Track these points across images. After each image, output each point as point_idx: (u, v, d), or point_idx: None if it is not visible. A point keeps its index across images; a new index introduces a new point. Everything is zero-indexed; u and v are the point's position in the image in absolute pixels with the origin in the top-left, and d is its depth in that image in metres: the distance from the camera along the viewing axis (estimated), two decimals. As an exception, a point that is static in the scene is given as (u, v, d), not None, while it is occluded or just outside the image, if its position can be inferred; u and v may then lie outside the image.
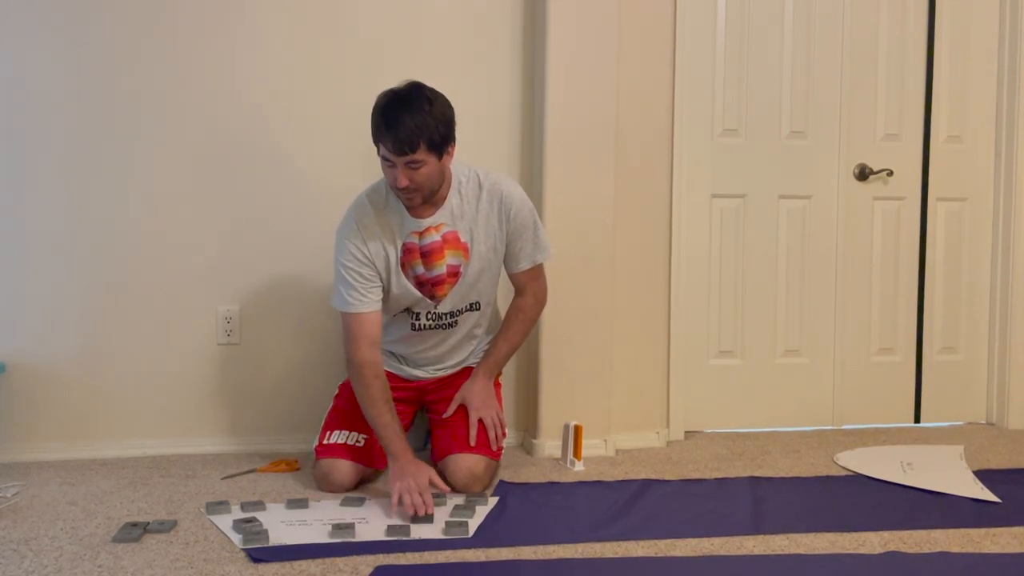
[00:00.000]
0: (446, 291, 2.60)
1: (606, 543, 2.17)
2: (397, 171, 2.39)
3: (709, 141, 3.30)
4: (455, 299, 2.62)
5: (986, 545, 2.20)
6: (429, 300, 2.60)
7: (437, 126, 2.39)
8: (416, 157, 2.37)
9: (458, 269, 2.58)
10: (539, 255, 2.67)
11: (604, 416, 3.01)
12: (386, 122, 2.37)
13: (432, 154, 2.40)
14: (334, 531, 2.18)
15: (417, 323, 2.64)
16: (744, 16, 3.31)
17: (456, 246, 2.57)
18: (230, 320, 3.00)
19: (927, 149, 3.51)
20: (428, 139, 2.37)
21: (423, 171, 2.41)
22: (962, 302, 3.57)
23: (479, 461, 2.57)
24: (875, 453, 3.08)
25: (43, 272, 2.88)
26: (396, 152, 2.36)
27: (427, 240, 2.55)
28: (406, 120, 2.35)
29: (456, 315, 2.65)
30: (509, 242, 2.62)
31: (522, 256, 2.65)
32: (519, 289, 2.72)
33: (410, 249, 2.55)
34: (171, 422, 2.97)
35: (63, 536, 2.17)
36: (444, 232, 2.56)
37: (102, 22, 2.87)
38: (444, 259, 2.56)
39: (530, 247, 2.64)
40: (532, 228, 2.63)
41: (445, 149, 2.45)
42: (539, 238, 2.66)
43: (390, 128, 2.36)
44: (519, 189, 2.64)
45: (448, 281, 2.59)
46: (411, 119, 2.35)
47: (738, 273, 3.38)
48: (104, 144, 2.90)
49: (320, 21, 2.98)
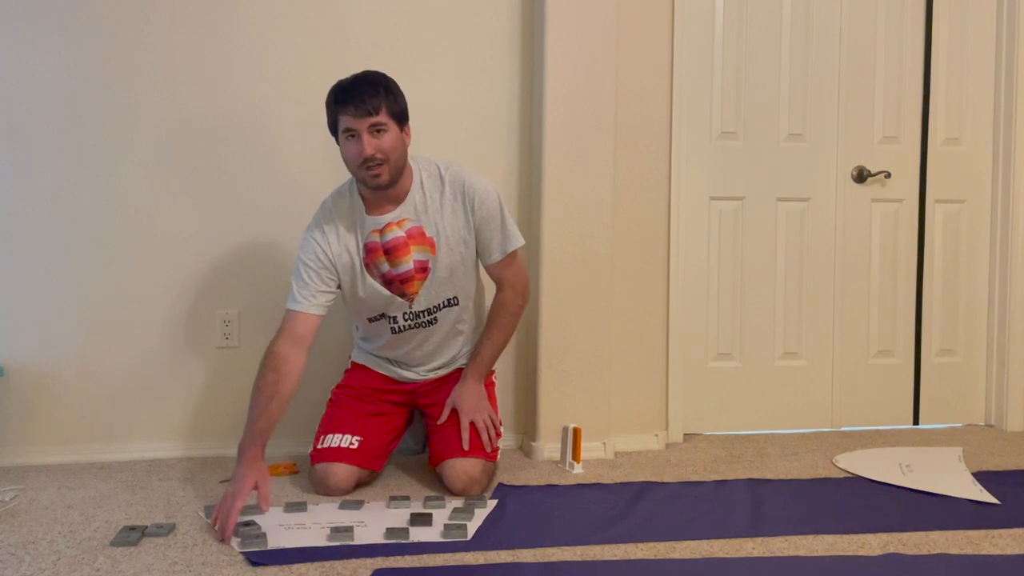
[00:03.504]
0: (416, 288, 2.57)
1: (605, 545, 2.17)
2: (362, 141, 2.40)
3: (707, 143, 3.30)
4: (429, 295, 2.59)
5: (985, 547, 2.20)
6: (401, 299, 2.58)
7: (396, 96, 2.45)
8: (380, 120, 2.39)
9: (426, 264, 2.56)
10: (509, 244, 2.61)
11: (603, 419, 3.01)
12: (345, 90, 2.42)
13: (393, 121, 2.43)
14: (332, 534, 2.18)
15: (396, 326, 2.62)
16: (742, 19, 3.32)
17: (422, 241, 2.55)
18: (228, 323, 3.00)
19: (925, 151, 3.51)
20: (389, 102, 2.41)
21: (387, 138, 2.42)
22: (960, 304, 3.57)
23: (475, 464, 2.56)
24: (874, 455, 3.08)
25: (42, 276, 2.88)
26: (360, 114, 2.38)
27: (389, 236, 2.53)
28: (364, 86, 2.41)
29: (434, 311, 2.62)
30: (478, 233, 2.58)
31: (493, 246, 2.60)
32: (497, 283, 2.67)
33: (372, 248, 2.53)
34: (169, 426, 2.97)
35: (61, 540, 2.17)
36: (408, 228, 2.53)
37: (100, 24, 2.87)
38: (410, 255, 2.54)
39: (499, 236, 2.59)
40: (499, 218, 2.58)
41: (405, 121, 2.48)
42: (507, 227, 2.60)
43: (351, 93, 2.40)
44: (482, 179, 2.58)
45: (417, 277, 2.56)
46: (369, 85, 2.42)
47: (737, 275, 3.38)
48: (103, 148, 2.90)
49: (318, 24, 2.99)
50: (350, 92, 2.41)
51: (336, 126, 2.45)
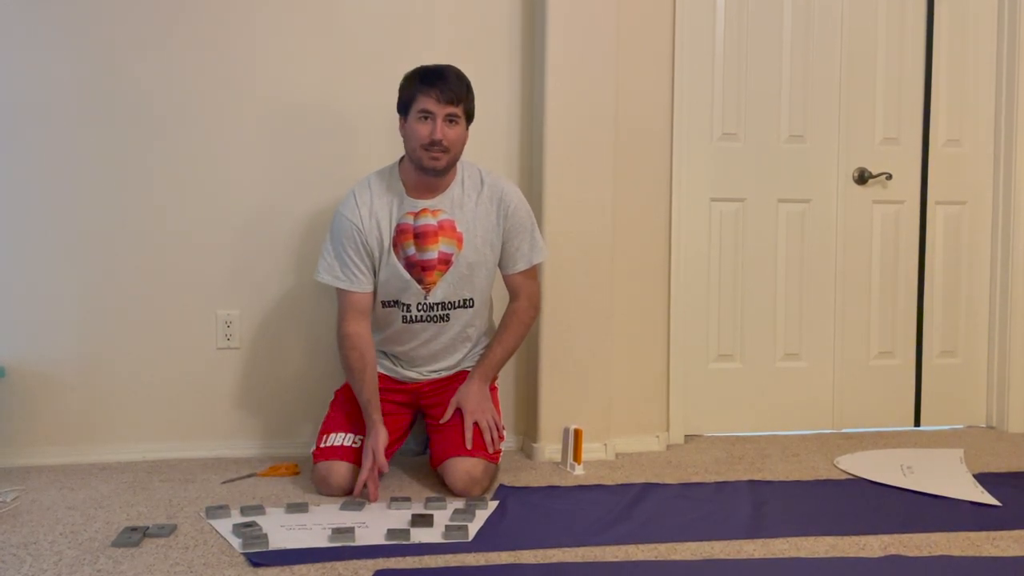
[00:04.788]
0: (435, 278, 2.61)
1: (606, 547, 2.17)
2: (436, 124, 2.49)
3: (708, 144, 3.30)
4: (446, 289, 2.62)
5: (986, 548, 2.20)
6: (418, 286, 2.61)
7: (472, 97, 2.59)
8: (456, 111, 2.52)
9: (449, 257, 2.61)
10: (535, 256, 2.72)
11: (604, 420, 3.01)
12: (433, 73, 2.52)
13: (464, 117, 2.57)
14: (334, 535, 2.18)
15: (408, 315, 2.65)
16: (743, 20, 3.32)
17: (451, 235, 2.61)
18: (230, 324, 3.00)
19: (926, 153, 3.51)
20: (468, 99, 2.55)
21: (456, 130, 2.54)
22: (961, 305, 3.57)
23: (477, 464, 2.56)
24: (875, 456, 3.08)
25: (43, 277, 2.88)
26: (443, 100, 2.49)
27: (421, 221, 2.60)
28: (452, 76, 2.53)
29: (448, 308, 2.65)
30: (506, 240, 2.66)
31: (519, 256, 2.69)
32: (514, 293, 2.74)
33: (403, 229, 2.60)
34: (171, 426, 2.97)
35: (62, 540, 2.17)
36: (441, 219, 2.61)
37: (101, 24, 2.87)
38: (437, 244, 2.60)
39: (527, 247, 2.69)
40: (529, 229, 2.70)
41: (470, 122, 2.60)
42: (536, 240, 2.71)
43: (439, 77, 2.50)
44: (519, 191, 2.72)
45: (438, 268, 2.60)
46: (456, 78, 2.54)
47: (737, 277, 3.38)
48: (103, 148, 2.90)
49: (319, 29, 2.99)
50: (438, 75, 2.52)
51: (409, 104, 2.54)
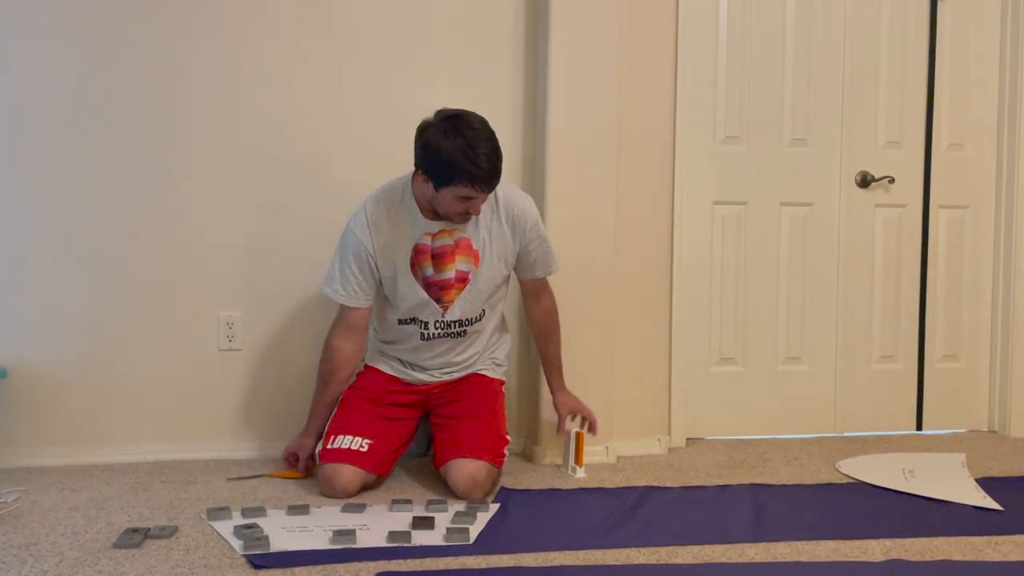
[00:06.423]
0: (453, 297, 2.63)
1: (607, 550, 2.17)
2: (477, 203, 2.51)
3: (711, 148, 3.30)
4: (463, 306, 2.65)
5: (988, 553, 2.19)
6: (436, 305, 2.62)
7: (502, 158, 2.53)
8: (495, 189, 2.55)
9: (467, 276, 2.63)
10: (552, 265, 2.79)
11: (606, 423, 3.00)
12: (481, 169, 2.44)
13: None
14: (335, 537, 2.18)
15: (426, 332, 2.68)
16: (746, 24, 3.32)
17: (468, 253, 2.63)
18: (231, 325, 3.00)
19: (929, 156, 3.51)
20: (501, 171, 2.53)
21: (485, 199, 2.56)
22: (964, 309, 3.57)
23: (480, 467, 2.56)
24: (877, 460, 3.08)
25: (45, 278, 2.88)
26: (487, 190, 2.49)
27: (439, 243, 2.61)
28: (494, 169, 2.47)
29: (465, 324, 2.68)
30: (523, 253, 2.71)
31: (538, 266, 2.76)
32: (535, 295, 2.80)
33: (421, 250, 2.61)
34: (172, 427, 2.97)
35: (64, 542, 2.17)
36: (457, 237, 2.62)
37: (103, 29, 2.87)
38: (455, 263, 2.62)
39: (544, 257, 2.75)
40: (545, 241, 2.75)
41: None
42: (550, 251, 2.77)
43: (487, 174, 2.46)
44: (532, 204, 2.72)
45: (456, 287, 2.63)
46: (495, 157, 2.47)
47: (740, 280, 3.38)
48: (106, 149, 2.90)
49: (323, 33, 2.99)
50: (486, 174, 2.45)
51: (447, 182, 2.47)
